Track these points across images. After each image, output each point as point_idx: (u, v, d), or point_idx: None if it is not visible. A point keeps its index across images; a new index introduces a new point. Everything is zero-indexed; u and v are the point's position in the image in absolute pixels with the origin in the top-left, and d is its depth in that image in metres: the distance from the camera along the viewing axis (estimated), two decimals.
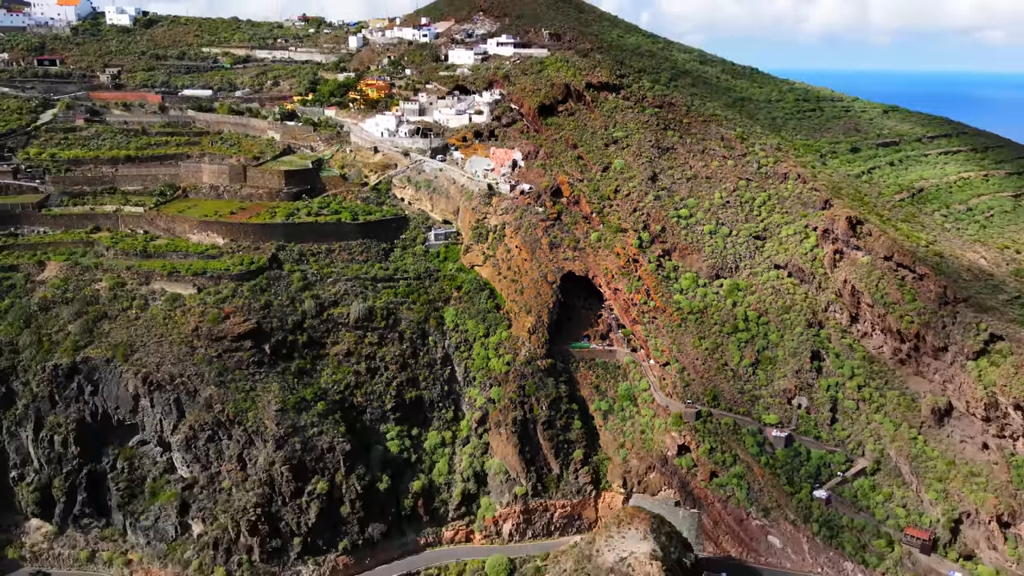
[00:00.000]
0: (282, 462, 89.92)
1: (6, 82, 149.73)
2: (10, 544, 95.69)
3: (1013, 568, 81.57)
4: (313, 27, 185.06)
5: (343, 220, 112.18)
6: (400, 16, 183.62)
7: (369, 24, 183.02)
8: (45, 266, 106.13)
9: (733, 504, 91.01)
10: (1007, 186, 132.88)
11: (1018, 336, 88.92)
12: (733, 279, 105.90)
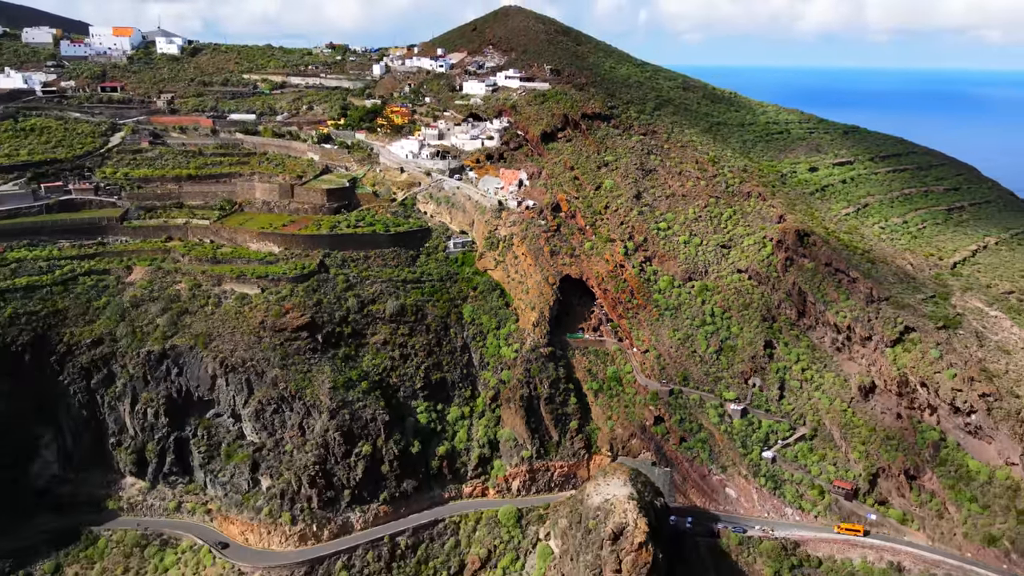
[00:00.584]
0: (334, 429, 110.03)
1: (76, 107, 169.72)
2: (110, 498, 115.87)
3: (916, 511, 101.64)
4: (339, 54, 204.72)
5: (377, 231, 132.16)
6: (418, 45, 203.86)
7: (390, 52, 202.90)
8: (132, 270, 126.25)
9: (698, 463, 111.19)
10: (943, 200, 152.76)
11: (927, 328, 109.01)
12: (703, 281, 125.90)
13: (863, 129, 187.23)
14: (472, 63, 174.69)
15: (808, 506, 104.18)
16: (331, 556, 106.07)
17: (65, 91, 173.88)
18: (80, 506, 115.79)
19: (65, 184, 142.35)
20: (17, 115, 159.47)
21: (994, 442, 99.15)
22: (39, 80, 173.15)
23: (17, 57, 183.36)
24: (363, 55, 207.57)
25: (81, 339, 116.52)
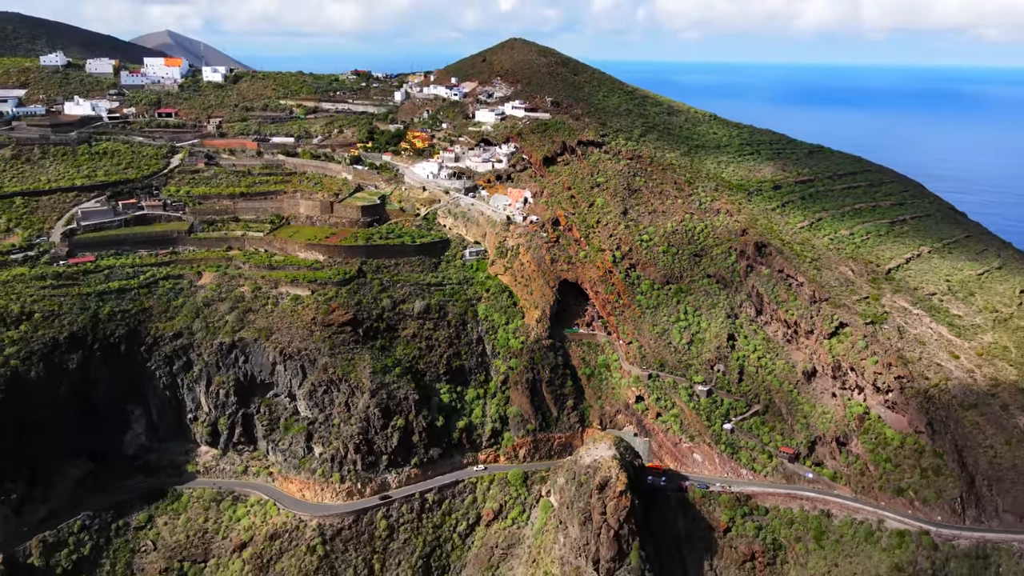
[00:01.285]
0: (374, 406, 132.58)
1: (138, 132, 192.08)
2: (188, 463, 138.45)
3: (844, 470, 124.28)
4: (364, 80, 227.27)
5: (405, 242, 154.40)
6: (433, 73, 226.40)
7: (409, 79, 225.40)
8: (202, 275, 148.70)
9: (671, 433, 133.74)
10: (888, 214, 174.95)
11: (857, 324, 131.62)
12: (678, 285, 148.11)
13: (827, 149, 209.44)
14: (483, 92, 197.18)
15: (759, 467, 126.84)
16: (373, 508, 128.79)
17: (127, 117, 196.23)
18: (164, 469, 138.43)
19: (138, 201, 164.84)
20: (90, 139, 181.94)
21: (906, 415, 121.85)
22: (105, 107, 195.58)
23: (83, 86, 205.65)
24: (384, 81, 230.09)
25: (164, 332, 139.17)
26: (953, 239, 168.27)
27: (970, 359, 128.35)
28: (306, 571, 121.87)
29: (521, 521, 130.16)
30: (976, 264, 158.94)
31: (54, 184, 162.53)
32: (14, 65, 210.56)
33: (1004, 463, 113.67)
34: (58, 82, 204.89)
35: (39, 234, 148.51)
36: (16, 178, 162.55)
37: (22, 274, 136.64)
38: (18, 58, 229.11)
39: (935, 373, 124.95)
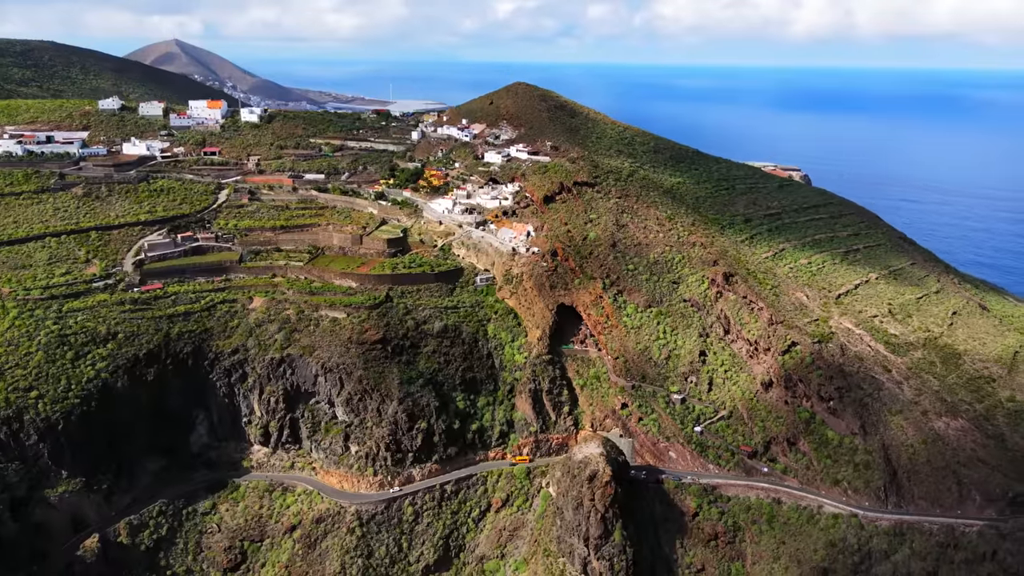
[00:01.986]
0: (401, 411, 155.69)
1: (188, 170, 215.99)
2: (244, 459, 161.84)
3: (793, 465, 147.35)
4: (384, 120, 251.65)
5: (425, 271, 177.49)
6: (446, 113, 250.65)
7: (423, 119, 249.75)
8: (253, 300, 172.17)
9: (651, 435, 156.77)
10: (844, 244, 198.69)
11: (806, 342, 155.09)
12: (658, 308, 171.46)
13: (795, 182, 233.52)
14: (490, 134, 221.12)
15: (723, 463, 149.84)
16: (401, 497, 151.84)
17: (177, 156, 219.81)
18: (224, 465, 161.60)
19: (193, 234, 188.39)
20: (148, 177, 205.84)
21: (843, 419, 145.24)
22: (158, 147, 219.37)
23: (137, 128, 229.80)
24: (402, 120, 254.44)
25: (223, 349, 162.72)
26: (899, 267, 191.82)
27: (900, 372, 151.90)
28: (346, 549, 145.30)
29: (525, 508, 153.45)
30: (917, 289, 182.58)
31: (122, 219, 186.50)
32: (76, 108, 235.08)
33: (920, 459, 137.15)
34: (115, 124, 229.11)
35: (114, 264, 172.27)
36: (89, 214, 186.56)
37: (105, 300, 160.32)
38: (78, 100, 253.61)
39: (870, 384, 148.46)
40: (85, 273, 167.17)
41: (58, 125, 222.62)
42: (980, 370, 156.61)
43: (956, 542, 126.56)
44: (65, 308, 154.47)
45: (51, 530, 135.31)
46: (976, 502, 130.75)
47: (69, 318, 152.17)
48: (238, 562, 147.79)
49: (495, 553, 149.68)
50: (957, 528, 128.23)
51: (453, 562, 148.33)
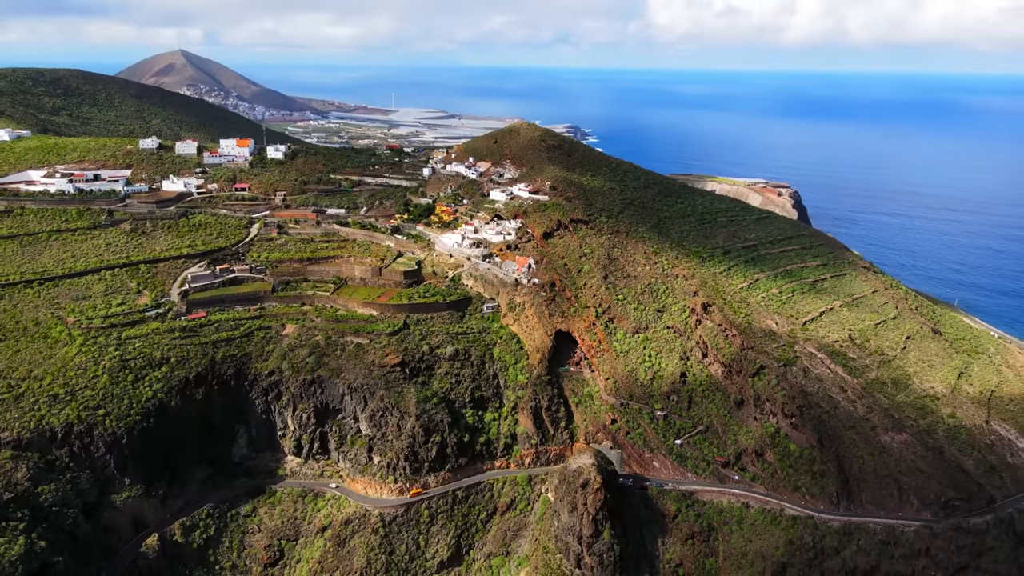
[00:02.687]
0: (418, 426, 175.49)
1: (222, 205, 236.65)
2: (279, 468, 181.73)
3: (761, 473, 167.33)
4: (397, 155, 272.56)
5: (438, 300, 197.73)
6: (454, 150, 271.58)
7: (434, 155, 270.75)
8: (285, 327, 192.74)
9: (637, 447, 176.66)
10: (813, 274, 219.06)
11: (772, 365, 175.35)
12: (645, 334, 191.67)
13: (771, 213, 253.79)
14: (495, 172, 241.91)
15: (700, 471, 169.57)
16: (418, 501, 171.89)
17: (211, 192, 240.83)
18: (261, 473, 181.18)
19: (230, 266, 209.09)
20: (187, 213, 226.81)
21: (804, 434, 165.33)
22: (194, 184, 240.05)
23: (174, 165, 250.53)
24: (414, 155, 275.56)
25: (261, 371, 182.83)
26: (862, 295, 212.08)
27: (855, 392, 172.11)
28: (371, 547, 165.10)
29: (526, 511, 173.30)
30: (876, 315, 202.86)
31: (166, 253, 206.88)
32: (118, 147, 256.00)
33: (868, 468, 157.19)
34: (154, 162, 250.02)
35: (162, 295, 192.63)
36: (137, 248, 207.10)
37: (157, 328, 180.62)
38: (119, 139, 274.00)
39: (827, 403, 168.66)
40: (138, 303, 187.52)
41: (103, 164, 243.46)
42: (927, 390, 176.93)
43: (896, 540, 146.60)
44: (124, 336, 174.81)
45: (117, 530, 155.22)
46: (914, 506, 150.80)
47: (128, 344, 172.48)
48: (276, 558, 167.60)
49: (501, 551, 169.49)
50: (897, 528, 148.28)
51: (464, 559, 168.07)
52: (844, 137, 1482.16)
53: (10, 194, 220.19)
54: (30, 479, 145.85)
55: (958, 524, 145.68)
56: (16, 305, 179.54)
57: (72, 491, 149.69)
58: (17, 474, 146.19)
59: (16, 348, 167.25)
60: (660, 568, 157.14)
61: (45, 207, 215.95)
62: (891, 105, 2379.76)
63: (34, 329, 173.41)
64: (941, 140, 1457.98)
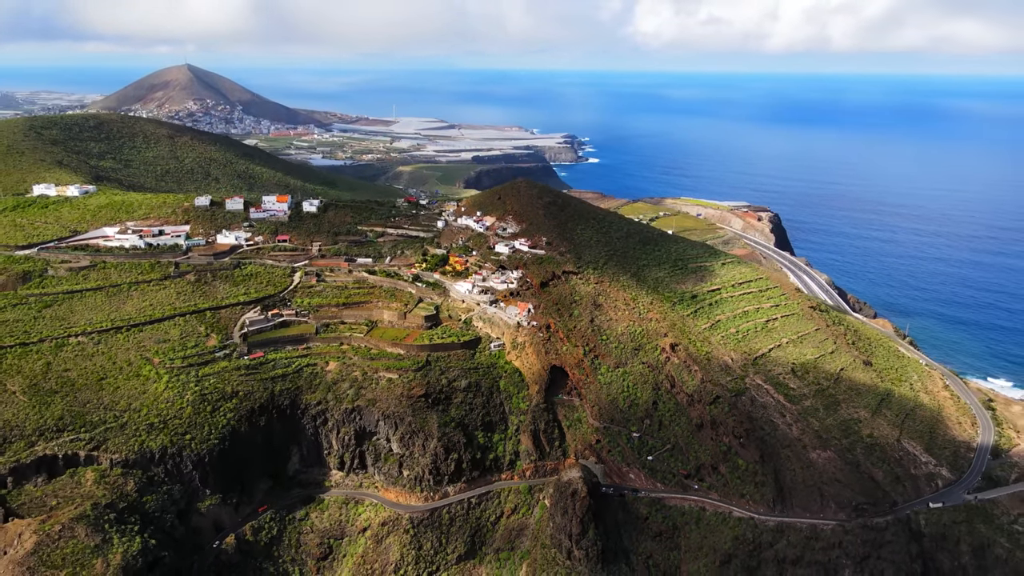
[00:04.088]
0: (439, 446, 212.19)
1: (267, 255, 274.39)
2: (325, 480, 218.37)
3: (715, 484, 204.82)
4: (414, 208, 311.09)
5: (453, 340, 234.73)
6: (463, 203, 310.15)
7: (446, 207, 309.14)
8: (328, 364, 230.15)
9: (617, 462, 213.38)
10: (767, 314, 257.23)
11: (726, 396, 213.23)
12: (624, 368, 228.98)
13: (736, 259, 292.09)
14: (499, 227, 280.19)
15: (667, 482, 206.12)
16: (440, 507, 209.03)
17: (258, 244, 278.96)
18: (311, 485, 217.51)
19: (279, 311, 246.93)
20: (239, 264, 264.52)
21: (749, 451, 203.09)
22: (243, 237, 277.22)
23: (225, 220, 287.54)
24: (428, 208, 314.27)
25: (310, 401, 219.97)
26: (806, 332, 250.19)
27: (792, 416, 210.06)
28: (403, 544, 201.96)
29: (527, 514, 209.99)
30: (816, 350, 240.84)
31: (226, 301, 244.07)
32: (177, 204, 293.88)
33: (798, 479, 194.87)
34: (208, 217, 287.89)
35: (227, 337, 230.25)
36: (202, 296, 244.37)
37: (225, 366, 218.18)
38: (176, 196, 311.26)
39: (769, 426, 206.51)
40: (207, 345, 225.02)
41: (166, 220, 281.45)
42: (852, 414, 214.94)
43: (816, 536, 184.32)
44: (200, 373, 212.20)
45: (202, 532, 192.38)
46: (832, 509, 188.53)
47: (204, 381, 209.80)
48: (326, 554, 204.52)
49: (507, 546, 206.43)
50: (818, 526, 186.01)
51: (477, 553, 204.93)
52: (826, 145, 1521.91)
53: (92, 249, 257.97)
54: (137, 491, 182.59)
55: (865, 523, 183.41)
56: (111, 348, 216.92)
57: (168, 500, 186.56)
58: (127, 487, 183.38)
59: (116, 385, 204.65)
60: (634, 560, 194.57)
61: (122, 261, 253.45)
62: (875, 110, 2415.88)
63: (128, 369, 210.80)
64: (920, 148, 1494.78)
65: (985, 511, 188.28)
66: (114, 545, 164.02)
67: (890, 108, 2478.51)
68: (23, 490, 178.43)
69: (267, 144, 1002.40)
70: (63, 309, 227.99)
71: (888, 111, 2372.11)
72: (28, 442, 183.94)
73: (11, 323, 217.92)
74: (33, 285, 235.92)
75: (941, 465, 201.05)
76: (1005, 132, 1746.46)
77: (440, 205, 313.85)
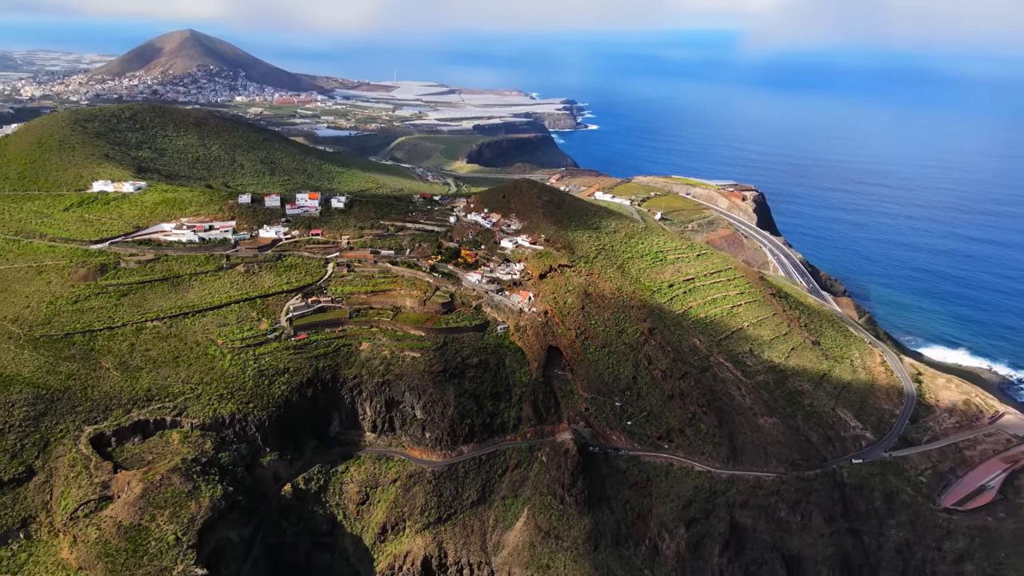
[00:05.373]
0: (456, 413, 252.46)
1: (303, 248, 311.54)
2: (360, 441, 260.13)
3: (683, 444, 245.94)
4: (428, 203, 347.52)
5: (466, 324, 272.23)
6: (472, 200, 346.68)
7: (457, 204, 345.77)
8: (361, 344, 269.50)
9: (602, 427, 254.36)
10: (732, 301, 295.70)
11: (693, 372, 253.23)
12: (609, 348, 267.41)
13: (709, 250, 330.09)
14: (504, 224, 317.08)
15: (643, 443, 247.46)
16: (456, 463, 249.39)
17: (294, 237, 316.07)
18: (349, 444, 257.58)
19: (318, 298, 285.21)
20: (280, 256, 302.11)
21: (710, 417, 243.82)
22: (282, 231, 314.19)
23: (265, 216, 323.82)
24: (442, 203, 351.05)
25: (347, 376, 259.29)
26: (764, 316, 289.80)
27: (747, 389, 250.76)
28: (427, 492, 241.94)
29: (528, 468, 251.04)
30: (772, 332, 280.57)
31: (272, 289, 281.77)
32: (222, 201, 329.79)
33: (748, 441, 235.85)
34: (250, 214, 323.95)
35: (275, 321, 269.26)
36: (251, 286, 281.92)
37: (277, 347, 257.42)
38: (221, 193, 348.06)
39: (726, 397, 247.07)
40: (260, 328, 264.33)
41: (215, 216, 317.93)
42: (797, 387, 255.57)
43: (760, 485, 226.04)
44: (257, 352, 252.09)
45: (265, 482, 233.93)
46: (773, 464, 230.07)
47: (261, 359, 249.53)
48: (364, 499, 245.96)
49: (511, 494, 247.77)
50: (762, 478, 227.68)
51: (487, 499, 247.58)
52: (817, 112, 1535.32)
53: (154, 244, 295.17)
54: (214, 449, 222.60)
55: (799, 475, 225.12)
56: (181, 331, 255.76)
57: (238, 456, 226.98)
58: (206, 446, 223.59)
59: (189, 362, 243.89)
60: (614, 504, 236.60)
61: (181, 254, 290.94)
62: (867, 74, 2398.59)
63: (197, 348, 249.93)
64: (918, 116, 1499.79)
65: (897, 466, 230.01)
66: (202, 491, 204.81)
67: (884, 72, 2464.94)
68: (124, 448, 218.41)
69: (272, 112, 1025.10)
70: (137, 297, 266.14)
71: (879, 75, 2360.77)
72: (125, 409, 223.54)
73: (97, 310, 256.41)
74: (110, 276, 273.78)
75: (866, 429, 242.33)
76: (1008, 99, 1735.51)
77: (452, 201, 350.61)
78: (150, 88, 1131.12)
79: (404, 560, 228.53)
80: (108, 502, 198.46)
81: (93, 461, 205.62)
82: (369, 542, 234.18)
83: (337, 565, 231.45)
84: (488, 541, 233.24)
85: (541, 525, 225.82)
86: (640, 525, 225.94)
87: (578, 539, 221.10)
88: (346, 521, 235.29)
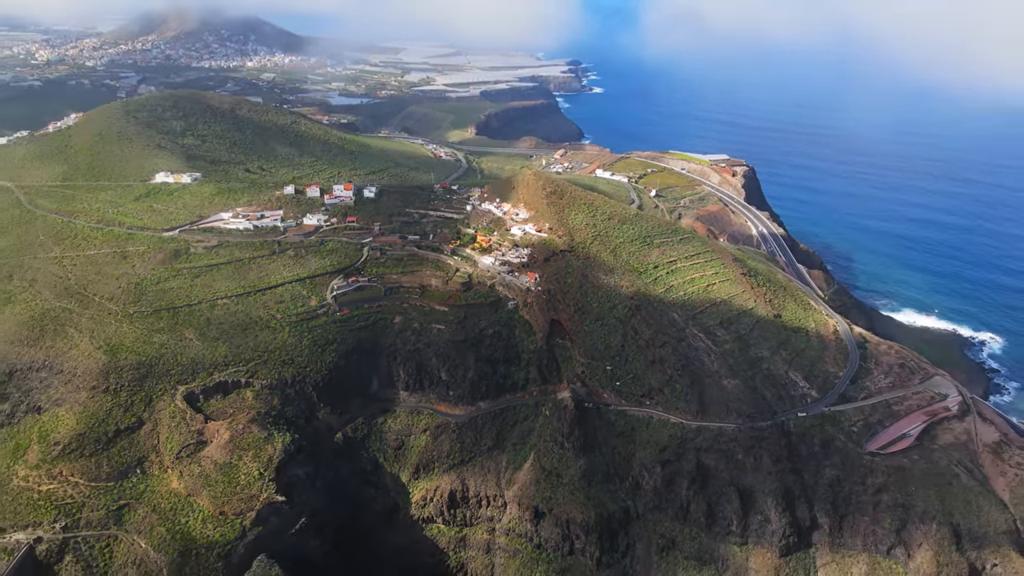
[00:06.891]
0: (475, 374, 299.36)
1: (341, 235, 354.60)
2: (396, 398, 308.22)
3: (661, 401, 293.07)
4: (448, 193, 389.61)
5: (482, 301, 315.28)
6: (485, 189, 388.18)
7: (472, 193, 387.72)
8: (395, 318, 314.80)
9: (596, 386, 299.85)
10: (707, 280, 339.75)
11: (672, 343, 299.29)
12: (602, 322, 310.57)
13: (691, 234, 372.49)
14: (513, 212, 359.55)
15: (628, 400, 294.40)
16: (476, 416, 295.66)
17: (333, 224, 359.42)
18: (386, 400, 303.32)
19: (356, 278, 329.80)
20: (323, 241, 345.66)
21: (684, 379, 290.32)
22: (322, 219, 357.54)
23: (307, 206, 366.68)
24: (459, 192, 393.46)
25: (384, 344, 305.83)
26: (736, 293, 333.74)
27: (716, 356, 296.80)
28: (451, 439, 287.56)
29: (534, 420, 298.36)
30: (740, 308, 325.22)
31: (318, 271, 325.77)
32: (270, 192, 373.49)
33: (714, 398, 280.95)
34: (294, 204, 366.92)
35: (322, 299, 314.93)
36: (300, 267, 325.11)
37: (325, 320, 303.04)
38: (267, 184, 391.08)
39: (698, 363, 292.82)
40: (310, 305, 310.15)
41: (265, 206, 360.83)
42: (757, 354, 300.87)
43: (722, 433, 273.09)
44: (310, 325, 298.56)
45: (320, 431, 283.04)
46: (734, 417, 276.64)
47: (314, 331, 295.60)
48: (400, 445, 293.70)
49: (521, 441, 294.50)
50: (724, 428, 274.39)
51: (501, 445, 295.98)
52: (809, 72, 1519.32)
53: (216, 231, 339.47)
54: (280, 404, 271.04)
55: (753, 426, 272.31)
56: (246, 308, 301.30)
57: (299, 411, 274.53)
58: (274, 402, 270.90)
59: (255, 333, 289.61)
60: (604, 449, 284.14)
61: (240, 240, 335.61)
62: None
63: (260, 322, 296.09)
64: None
65: (834, 418, 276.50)
66: (275, 437, 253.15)
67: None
68: (210, 403, 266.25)
69: (284, 78, 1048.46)
70: (207, 279, 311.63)
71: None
72: (208, 372, 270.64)
73: (176, 290, 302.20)
74: (182, 260, 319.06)
75: (812, 388, 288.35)
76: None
77: (467, 191, 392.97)
78: (163, 53, 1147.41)
79: (434, 493, 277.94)
80: (204, 445, 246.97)
81: (188, 414, 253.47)
82: (405, 479, 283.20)
83: (380, 497, 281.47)
84: (502, 479, 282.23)
85: (545, 466, 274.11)
86: (625, 466, 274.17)
87: (575, 477, 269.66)
88: (386, 463, 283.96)
